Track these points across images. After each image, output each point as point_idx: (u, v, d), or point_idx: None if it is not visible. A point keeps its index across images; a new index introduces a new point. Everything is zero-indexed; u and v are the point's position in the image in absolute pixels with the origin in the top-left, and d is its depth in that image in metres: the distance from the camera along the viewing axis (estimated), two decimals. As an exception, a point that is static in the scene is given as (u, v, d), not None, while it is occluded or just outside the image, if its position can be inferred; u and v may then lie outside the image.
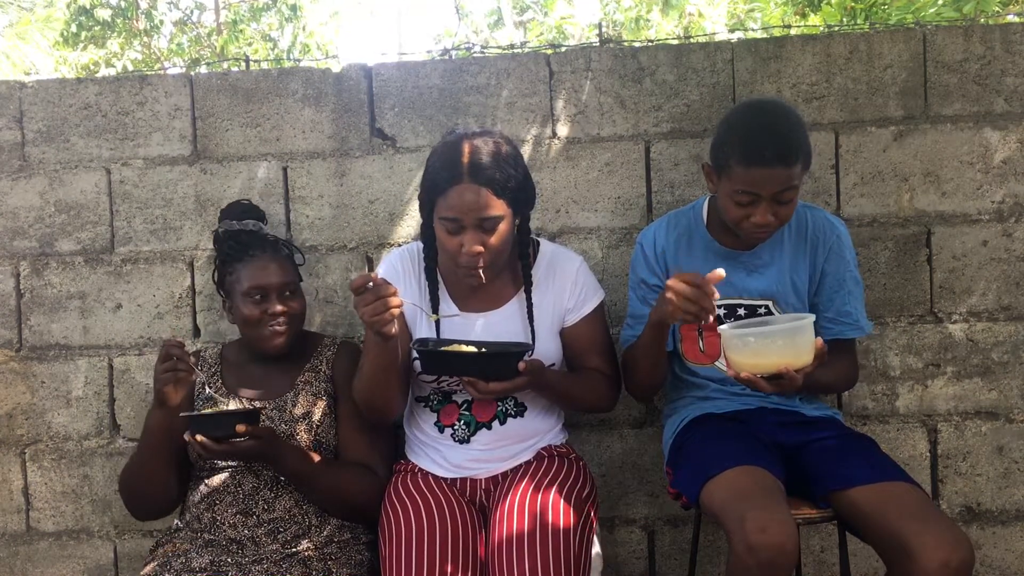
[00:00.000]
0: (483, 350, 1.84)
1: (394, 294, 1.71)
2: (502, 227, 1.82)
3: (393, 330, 1.75)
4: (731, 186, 1.82)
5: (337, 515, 1.96)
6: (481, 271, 1.84)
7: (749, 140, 1.80)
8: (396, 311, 1.72)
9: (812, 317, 1.74)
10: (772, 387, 1.74)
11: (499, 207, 1.80)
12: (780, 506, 1.65)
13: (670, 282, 1.73)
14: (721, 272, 1.71)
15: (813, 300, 2.01)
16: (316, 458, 1.94)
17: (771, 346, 1.72)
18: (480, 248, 1.80)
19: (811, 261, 1.98)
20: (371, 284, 1.70)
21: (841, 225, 2.01)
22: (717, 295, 1.72)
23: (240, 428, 1.78)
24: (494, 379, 1.79)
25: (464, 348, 1.83)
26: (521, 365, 1.78)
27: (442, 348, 1.84)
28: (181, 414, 1.87)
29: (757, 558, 1.56)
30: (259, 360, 2.06)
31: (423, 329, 1.96)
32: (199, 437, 1.78)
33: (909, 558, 1.59)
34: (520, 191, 1.85)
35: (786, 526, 1.59)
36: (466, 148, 1.81)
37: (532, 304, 1.95)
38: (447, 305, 1.98)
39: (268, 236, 2.08)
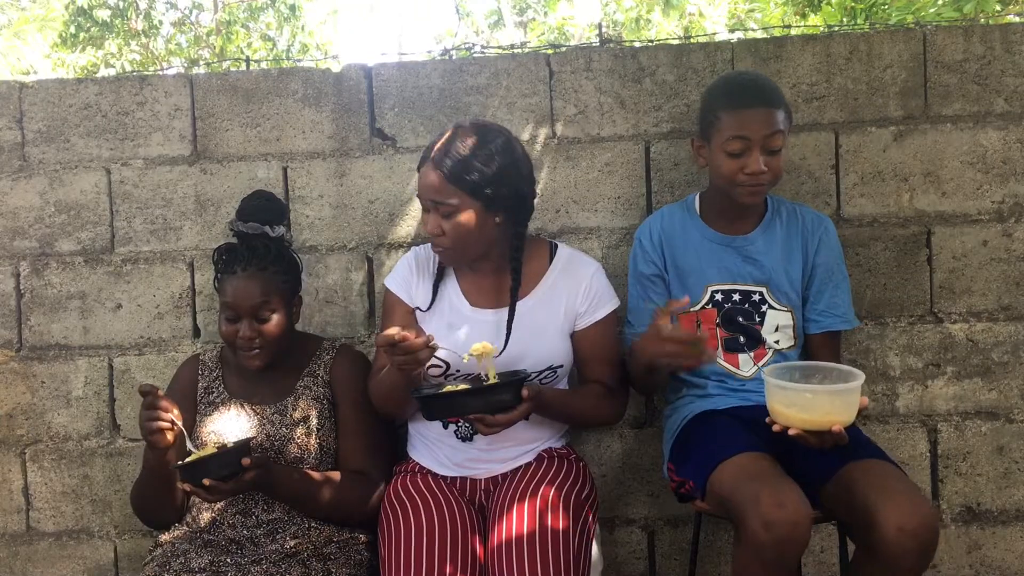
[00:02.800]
0: (485, 384, 1.84)
1: (423, 347, 1.72)
2: (460, 217, 1.85)
3: (419, 372, 1.81)
4: (721, 138, 1.90)
5: (334, 524, 1.96)
6: (442, 252, 1.91)
7: (733, 88, 1.94)
8: (426, 360, 1.76)
9: (862, 376, 1.70)
10: (816, 441, 1.70)
11: (453, 195, 1.84)
12: (794, 486, 1.65)
13: (651, 340, 1.78)
14: (686, 299, 1.83)
15: (804, 293, 2.04)
16: (308, 477, 1.93)
17: (823, 401, 1.67)
18: (436, 230, 1.88)
19: (803, 252, 2.02)
20: (397, 339, 1.71)
21: (828, 221, 2.08)
22: (706, 337, 1.78)
23: (246, 461, 1.73)
24: (499, 411, 1.79)
25: (464, 387, 1.83)
26: (524, 392, 1.78)
27: (443, 391, 1.83)
28: (178, 464, 1.77)
29: (774, 534, 1.55)
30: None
31: (432, 313, 1.99)
32: (206, 481, 1.71)
33: (872, 528, 1.60)
34: (489, 187, 1.84)
35: (802, 503, 1.59)
36: (447, 134, 1.89)
37: (515, 309, 1.95)
38: (458, 299, 1.99)
39: (265, 245, 1.99)
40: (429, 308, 1.99)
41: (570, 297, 1.98)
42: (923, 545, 1.59)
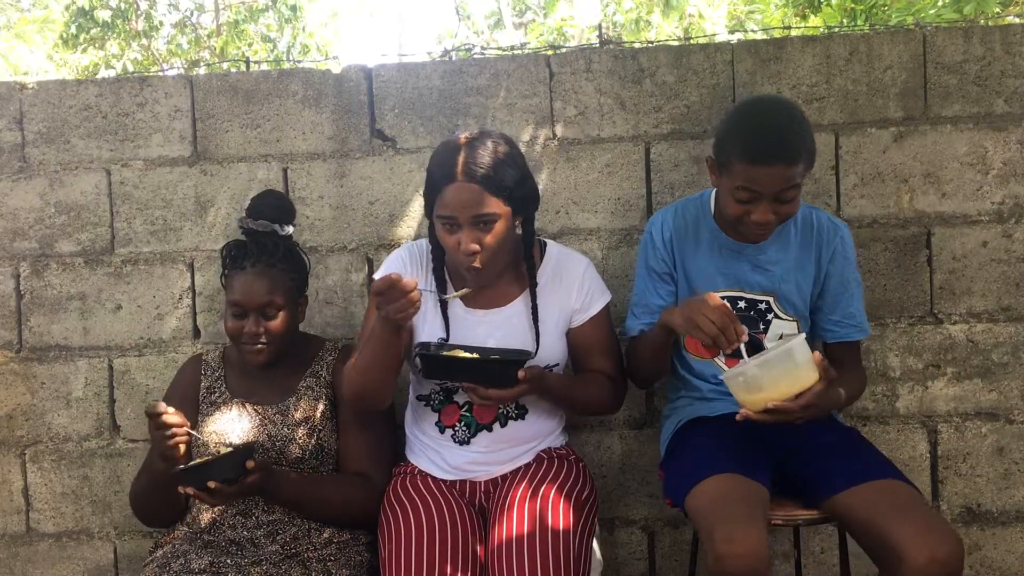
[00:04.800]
0: (487, 356, 1.83)
1: (414, 288, 1.72)
2: (498, 226, 1.82)
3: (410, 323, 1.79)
4: (732, 183, 1.81)
5: (335, 526, 1.96)
6: (480, 269, 1.84)
7: (751, 138, 1.79)
8: (419, 305, 1.74)
9: (802, 335, 1.72)
10: (772, 418, 1.70)
11: (494, 205, 1.81)
12: (750, 518, 1.62)
13: (698, 304, 1.72)
14: (745, 330, 1.72)
15: (817, 303, 2.00)
16: (309, 480, 1.93)
17: (766, 376, 1.68)
18: (476, 246, 1.81)
19: (816, 262, 1.97)
20: (394, 283, 1.70)
21: (844, 226, 2.01)
22: (745, 336, 1.71)
23: (250, 464, 1.74)
24: (494, 386, 1.80)
25: (464, 355, 1.82)
26: (521, 374, 1.78)
27: (444, 353, 1.83)
28: (179, 468, 1.76)
29: (724, 568, 1.55)
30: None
31: (427, 321, 1.96)
32: (211, 484, 1.71)
33: (896, 556, 1.58)
34: (517, 190, 1.85)
35: (752, 538, 1.57)
36: (462, 147, 1.82)
37: (537, 306, 1.95)
38: (456, 304, 1.98)
39: (275, 243, 2.01)
40: (446, 325, 1.96)
41: (564, 295, 1.98)
42: (953, 574, 1.58)
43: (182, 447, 1.81)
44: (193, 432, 1.83)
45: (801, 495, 1.84)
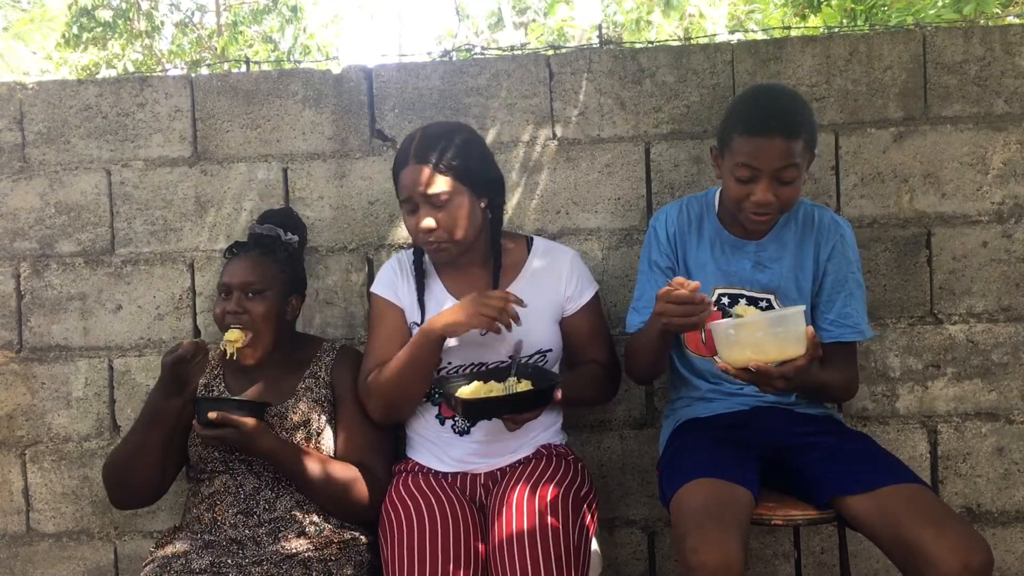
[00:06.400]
0: (519, 388, 1.86)
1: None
2: (453, 204, 1.89)
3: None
4: (732, 160, 1.81)
5: (337, 514, 1.96)
6: (437, 245, 1.91)
7: (751, 111, 1.82)
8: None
9: (802, 307, 1.71)
10: (748, 377, 1.69)
11: (444, 184, 1.88)
12: (722, 527, 1.60)
13: (658, 306, 1.71)
14: (697, 284, 1.69)
15: (815, 301, 1.99)
16: (311, 452, 1.94)
17: (754, 336, 1.66)
18: (431, 224, 1.89)
19: (815, 259, 1.96)
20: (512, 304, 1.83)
21: (847, 226, 1.99)
22: (710, 300, 1.71)
23: (212, 415, 1.82)
24: (528, 411, 1.83)
25: (504, 391, 1.84)
26: (556, 395, 1.83)
27: (484, 396, 1.83)
28: (199, 396, 1.96)
29: None
30: (260, 364, 2.06)
31: (413, 310, 2.03)
32: (212, 415, 1.83)
33: (927, 563, 1.56)
34: (472, 171, 1.91)
35: (719, 548, 1.55)
36: (417, 135, 1.93)
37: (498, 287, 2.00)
38: (443, 295, 2.02)
39: (273, 240, 2.07)
40: (422, 319, 2.00)
41: (554, 283, 2.03)
42: None
43: (198, 376, 1.96)
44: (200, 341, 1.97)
45: (803, 494, 1.83)
